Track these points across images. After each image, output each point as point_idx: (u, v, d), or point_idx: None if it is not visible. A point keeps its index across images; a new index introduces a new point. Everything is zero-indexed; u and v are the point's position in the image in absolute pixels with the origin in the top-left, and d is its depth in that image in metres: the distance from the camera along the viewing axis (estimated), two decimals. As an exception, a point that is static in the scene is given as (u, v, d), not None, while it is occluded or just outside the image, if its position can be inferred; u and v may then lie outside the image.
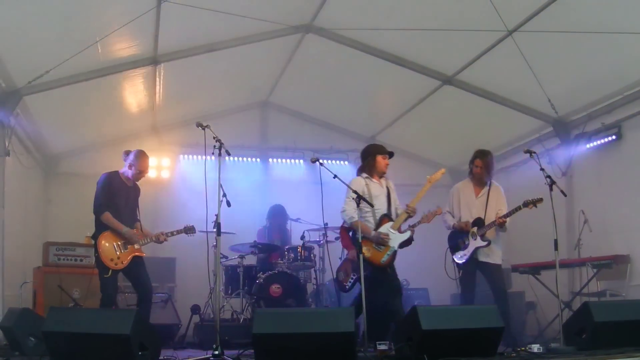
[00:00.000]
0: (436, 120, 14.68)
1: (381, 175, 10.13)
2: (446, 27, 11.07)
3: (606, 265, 11.04)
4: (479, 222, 10.60)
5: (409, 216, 9.87)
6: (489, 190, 10.84)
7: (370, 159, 10.11)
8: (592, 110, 12.50)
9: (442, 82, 13.34)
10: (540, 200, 9.97)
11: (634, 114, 11.60)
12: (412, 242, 9.94)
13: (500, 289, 10.56)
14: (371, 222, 9.89)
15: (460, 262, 10.68)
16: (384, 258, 9.65)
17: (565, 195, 9.75)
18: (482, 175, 10.79)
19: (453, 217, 10.98)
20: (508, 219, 10.35)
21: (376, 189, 10.00)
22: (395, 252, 9.75)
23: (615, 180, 11.99)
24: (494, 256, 10.64)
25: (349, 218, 9.75)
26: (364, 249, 9.46)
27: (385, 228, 9.78)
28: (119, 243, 9.54)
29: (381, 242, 9.65)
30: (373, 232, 9.74)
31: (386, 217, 9.91)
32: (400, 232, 9.79)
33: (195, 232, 10.46)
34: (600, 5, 9.87)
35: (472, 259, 10.50)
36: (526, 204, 10.08)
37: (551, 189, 9.27)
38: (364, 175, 10.11)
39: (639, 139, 11.50)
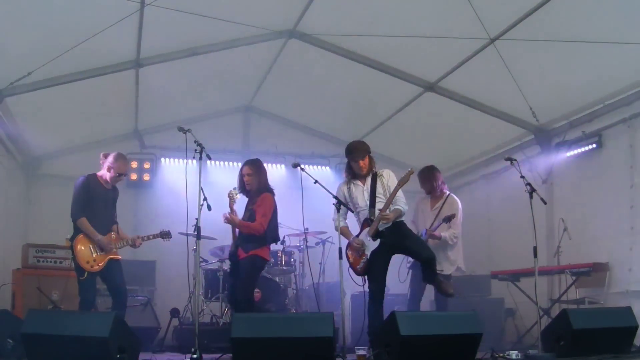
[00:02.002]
0: (418, 126, 14.70)
1: (362, 176, 9.62)
2: (429, 34, 11.11)
3: (585, 273, 11.10)
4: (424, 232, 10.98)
5: (384, 219, 9.33)
6: (443, 203, 11.22)
7: (347, 162, 9.76)
8: (573, 119, 12.55)
9: (424, 89, 13.35)
10: (453, 215, 10.77)
11: (614, 122, 11.66)
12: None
13: (440, 297, 10.76)
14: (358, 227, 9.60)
15: (408, 265, 11.15)
16: (360, 265, 9.42)
17: (545, 203, 9.83)
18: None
19: (416, 227, 11.35)
20: (441, 232, 10.92)
21: (356, 192, 9.61)
22: (377, 258, 9.29)
23: (595, 188, 12.03)
24: (442, 265, 10.86)
25: (335, 227, 9.45)
26: (349, 254, 9.52)
27: (364, 234, 9.41)
28: (95, 246, 9.47)
29: (355, 249, 9.41)
30: (351, 238, 9.48)
31: (366, 222, 9.46)
32: (374, 239, 9.31)
33: (170, 237, 10.41)
34: (583, 14, 9.91)
35: (416, 263, 10.51)
36: (444, 220, 10.83)
37: (531, 197, 9.34)
38: (346, 179, 9.78)
39: (619, 148, 11.54)
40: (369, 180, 9.57)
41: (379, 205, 9.36)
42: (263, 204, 10.05)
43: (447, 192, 11.34)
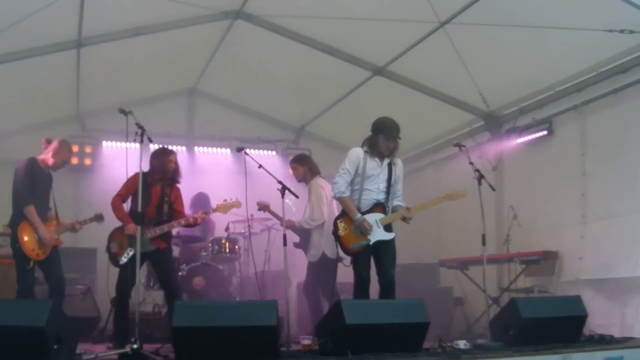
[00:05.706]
0: (366, 111, 14.44)
1: (383, 155, 9.27)
2: (378, 17, 11.00)
3: (534, 262, 11.11)
4: None
5: (405, 220, 9.21)
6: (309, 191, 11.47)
7: (372, 136, 9.31)
8: (523, 105, 12.56)
9: (373, 73, 13.31)
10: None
11: (565, 109, 11.68)
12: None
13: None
14: (355, 203, 9.16)
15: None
16: (355, 245, 9.01)
17: (494, 190, 9.71)
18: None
19: None
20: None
21: (372, 168, 9.19)
22: (368, 247, 9.00)
23: (545, 175, 12.04)
24: (309, 255, 11.31)
25: (338, 192, 9.14)
26: (342, 226, 9.15)
27: (373, 218, 9.04)
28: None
29: (361, 229, 8.97)
30: (358, 216, 9.00)
31: (380, 207, 9.15)
32: (386, 230, 9.07)
33: (103, 220, 10.18)
34: (535, -1, 9.85)
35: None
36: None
37: (480, 183, 9.23)
38: (365, 148, 9.35)
39: (569, 135, 11.57)
40: (386, 163, 9.31)
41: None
42: (180, 196, 10.40)
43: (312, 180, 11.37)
